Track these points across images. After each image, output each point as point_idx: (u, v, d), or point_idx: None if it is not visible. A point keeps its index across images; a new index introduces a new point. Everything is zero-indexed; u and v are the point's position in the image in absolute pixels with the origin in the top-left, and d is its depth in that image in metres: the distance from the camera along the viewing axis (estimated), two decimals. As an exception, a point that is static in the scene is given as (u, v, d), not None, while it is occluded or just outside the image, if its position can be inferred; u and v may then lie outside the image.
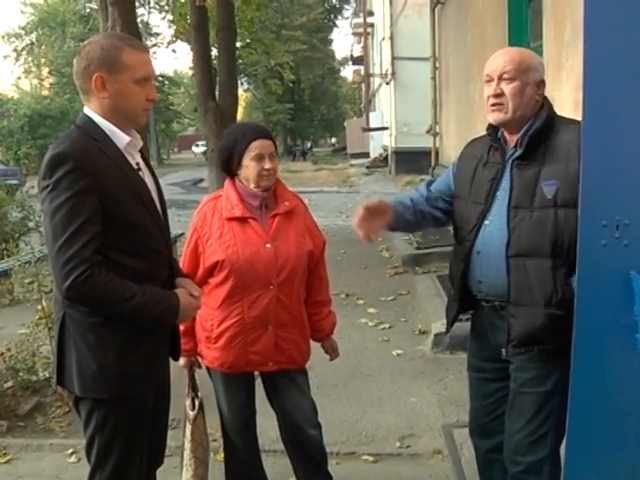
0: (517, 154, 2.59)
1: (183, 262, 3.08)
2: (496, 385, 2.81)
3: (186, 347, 3.08)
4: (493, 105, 2.60)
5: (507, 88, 2.56)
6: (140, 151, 2.54)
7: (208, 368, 3.22)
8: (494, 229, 2.61)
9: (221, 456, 3.62)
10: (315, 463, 3.32)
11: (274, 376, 3.19)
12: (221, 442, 3.46)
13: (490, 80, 2.61)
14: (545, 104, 2.61)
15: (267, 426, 3.68)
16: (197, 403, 3.21)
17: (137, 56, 2.34)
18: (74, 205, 2.19)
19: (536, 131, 2.54)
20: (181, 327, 2.97)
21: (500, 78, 2.57)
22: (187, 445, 3.21)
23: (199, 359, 3.25)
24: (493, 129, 2.70)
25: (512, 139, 2.64)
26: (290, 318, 3.10)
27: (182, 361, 3.13)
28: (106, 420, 2.38)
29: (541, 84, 2.58)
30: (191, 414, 3.20)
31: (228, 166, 3.08)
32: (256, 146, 2.98)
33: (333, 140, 65.73)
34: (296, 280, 3.10)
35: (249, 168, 3.00)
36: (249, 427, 3.34)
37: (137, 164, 2.45)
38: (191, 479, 3.20)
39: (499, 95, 2.57)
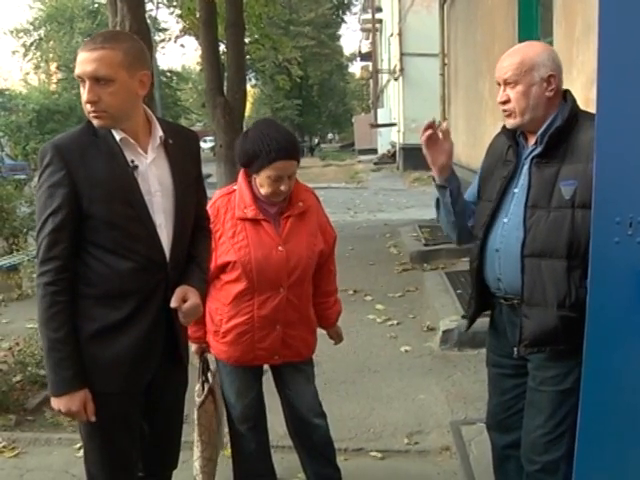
0: (537, 152, 2.56)
1: None
2: (515, 381, 2.79)
3: (196, 335, 3.14)
4: (504, 111, 2.60)
5: (512, 93, 2.54)
6: (166, 146, 2.47)
7: (216, 359, 3.24)
8: (512, 227, 2.60)
9: (229, 452, 3.62)
10: (323, 456, 3.33)
11: (280, 367, 3.23)
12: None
13: (499, 85, 2.60)
14: (568, 99, 2.57)
15: (275, 422, 3.67)
16: (206, 388, 3.23)
17: (79, 55, 2.31)
18: (47, 197, 2.29)
19: (557, 129, 2.50)
20: None
21: (505, 83, 2.56)
22: (195, 429, 3.26)
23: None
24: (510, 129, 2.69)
25: (532, 137, 2.61)
26: (299, 317, 3.12)
27: (193, 347, 3.18)
28: None
29: (551, 79, 2.50)
30: (197, 400, 3.22)
31: (247, 166, 3.01)
32: (278, 167, 2.88)
33: (330, 136, 65.23)
34: (306, 281, 3.12)
35: (265, 182, 2.93)
36: (258, 420, 3.34)
37: (132, 161, 2.38)
38: (197, 460, 3.27)
39: (506, 102, 2.57)
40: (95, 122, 2.34)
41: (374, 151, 35.02)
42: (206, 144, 52.51)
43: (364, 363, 5.47)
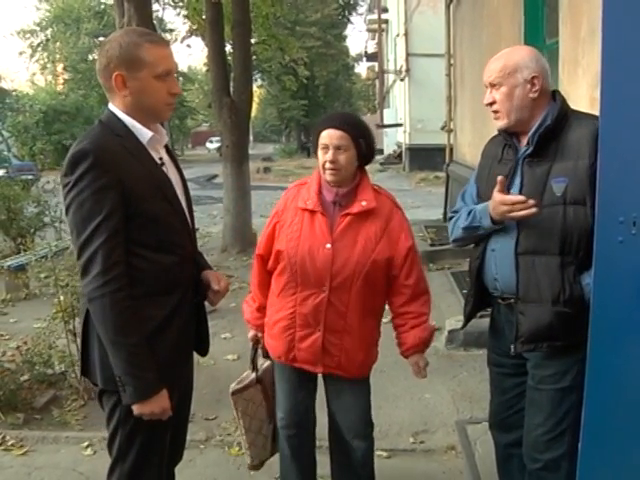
0: (528, 152, 2.60)
1: (260, 244, 3.07)
2: (515, 380, 2.82)
3: (257, 322, 3.15)
4: (493, 112, 2.67)
5: (497, 95, 2.62)
6: (166, 146, 2.55)
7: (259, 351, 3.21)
8: (507, 227, 2.63)
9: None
10: (355, 474, 3.16)
11: (328, 378, 3.10)
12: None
13: (487, 87, 2.67)
14: (557, 99, 2.62)
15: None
16: (252, 376, 3.21)
17: (156, 51, 2.33)
18: (94, 202, 2.22)
19: (546, 129, 2.54)
20: (256, 303, 3.13)
21: (491, 86, 2.64)
22: (234, 413, 3.23)
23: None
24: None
25: (524, 137, 2.66)
26: (343, 325, 2.93)
27: (250, 333, 3.20)
28: (129, 413, 2.35)
29: (535, 80, 2.56)
30: (232, 387, 3.18)
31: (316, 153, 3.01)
32: (323, 136, 2.87)
33: None
34: (354, 287, 2.88)
35: (318, 158, 2.92)
36: (302, 427, 3.19)
37: (160, 159, 2.45)
38: (242, 441, 3.24)
39: (492, 103, 2.65)
40: (169, 115, 2.47)
41: (380, 151, 34.97)
42: (212, 144, 52.64)
43: (370, 363, 5.46)
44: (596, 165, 2.33)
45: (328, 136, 2.85)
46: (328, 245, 2.86)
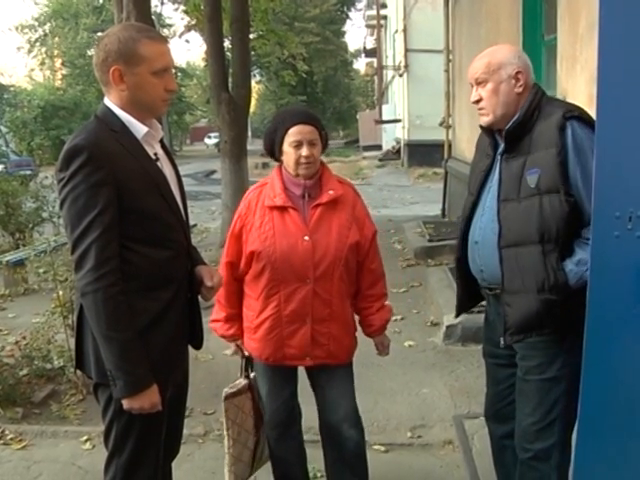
0: (503, 148, 2.66)
1: (227, 250, 3.06)
2: (509, 371, 2.84)
3: (230, 332, 3.13)
4: (478, 110, 2.71)
5: (483, 92, 2.66)
6: (161, 141, 2.56)
7: (251, 358, 3.16)
8: (488, 220, 2.68)
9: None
10: (349, 466, 3.18)
11: (314, 371, 3.12)
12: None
13: (472, 86, 2.71)
14: (529, 93, 2.64)
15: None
16: (243, 383, 3.16)
17: (154, 48, 2.33)
18: (89, 197, 2.22)
19: (514, 123, 2.60)
20: (223, 313, 3.10)
21: (477, 83, 2.68)
22: (223, 421, 3.15)
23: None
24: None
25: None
26: (329, 313, 3.00)
27: (231, 349, 3.19)
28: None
29: (519, 75, 2.61)
30: (225, 391, 3.13)
31: (272, 152, 3.02)
32: (294, 132, 2.89)
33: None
34: (335, 274, 2.97)
35: (288, 155, 2.92)
36: (290, 424, 3.24)
37: (155, 154, 2.46)
38: (226, 456, 3.15)
39: (478, 101, 2.69)
40: (164, 110, 2.50)
41: (379, 147, 35.00)
42: (211, 140, 52.53)
43: (368, 357, 5.39)
44: (563, 153, 2.40)
45: (300, 132, 2.90)
46: (306, 237, 2.92)
